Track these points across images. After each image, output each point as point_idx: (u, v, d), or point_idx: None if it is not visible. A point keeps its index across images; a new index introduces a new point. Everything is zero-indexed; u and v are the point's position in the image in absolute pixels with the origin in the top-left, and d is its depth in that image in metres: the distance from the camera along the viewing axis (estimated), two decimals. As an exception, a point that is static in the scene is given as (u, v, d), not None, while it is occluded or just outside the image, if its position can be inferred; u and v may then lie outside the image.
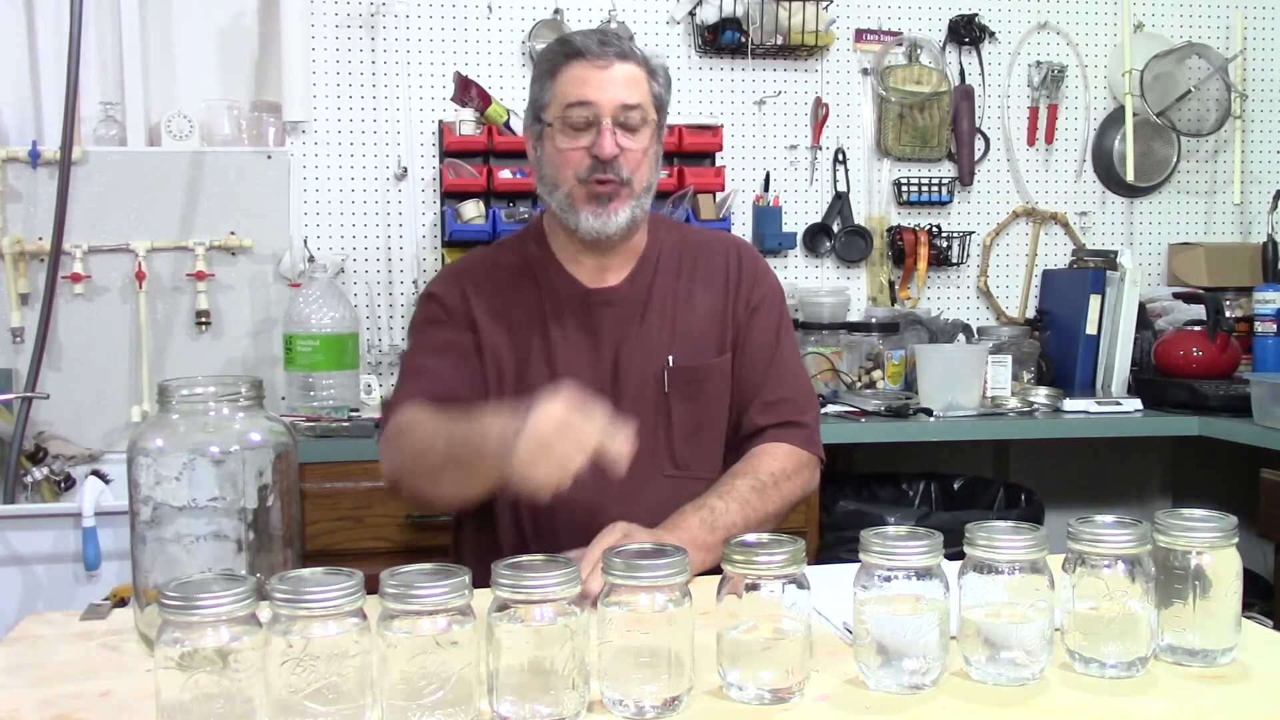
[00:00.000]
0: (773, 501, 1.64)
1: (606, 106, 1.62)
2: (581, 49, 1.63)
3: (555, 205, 1.69)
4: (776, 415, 1.73)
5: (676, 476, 1.71)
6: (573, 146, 1.63)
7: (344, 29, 3.04)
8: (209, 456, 1.19)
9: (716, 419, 1.75)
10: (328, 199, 3.04)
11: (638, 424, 1.67)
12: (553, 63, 1.66)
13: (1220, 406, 2.78)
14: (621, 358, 1.71)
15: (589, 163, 1.63)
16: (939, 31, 3.35)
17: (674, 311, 1.74)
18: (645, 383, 1.71)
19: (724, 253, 1.79)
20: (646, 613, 1.02)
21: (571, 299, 1.73)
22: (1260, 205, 3.51)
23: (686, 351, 1.73)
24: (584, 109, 1.62)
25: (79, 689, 1.12)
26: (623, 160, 1.63)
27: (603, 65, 1.62)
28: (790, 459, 1.70)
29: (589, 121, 1.62)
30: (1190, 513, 1.16)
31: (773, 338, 1.77)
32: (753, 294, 1.77)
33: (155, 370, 2.88)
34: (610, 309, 1.72)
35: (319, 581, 0.96)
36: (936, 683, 1.08)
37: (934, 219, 3.36)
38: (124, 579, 2.24)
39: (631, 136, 1.64)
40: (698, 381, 1.72)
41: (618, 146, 1.62)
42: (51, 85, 2.89)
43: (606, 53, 1.63)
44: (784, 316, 1.82)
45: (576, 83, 1.63)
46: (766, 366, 1.75)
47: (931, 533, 1.08)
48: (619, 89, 1.62)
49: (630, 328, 1.72)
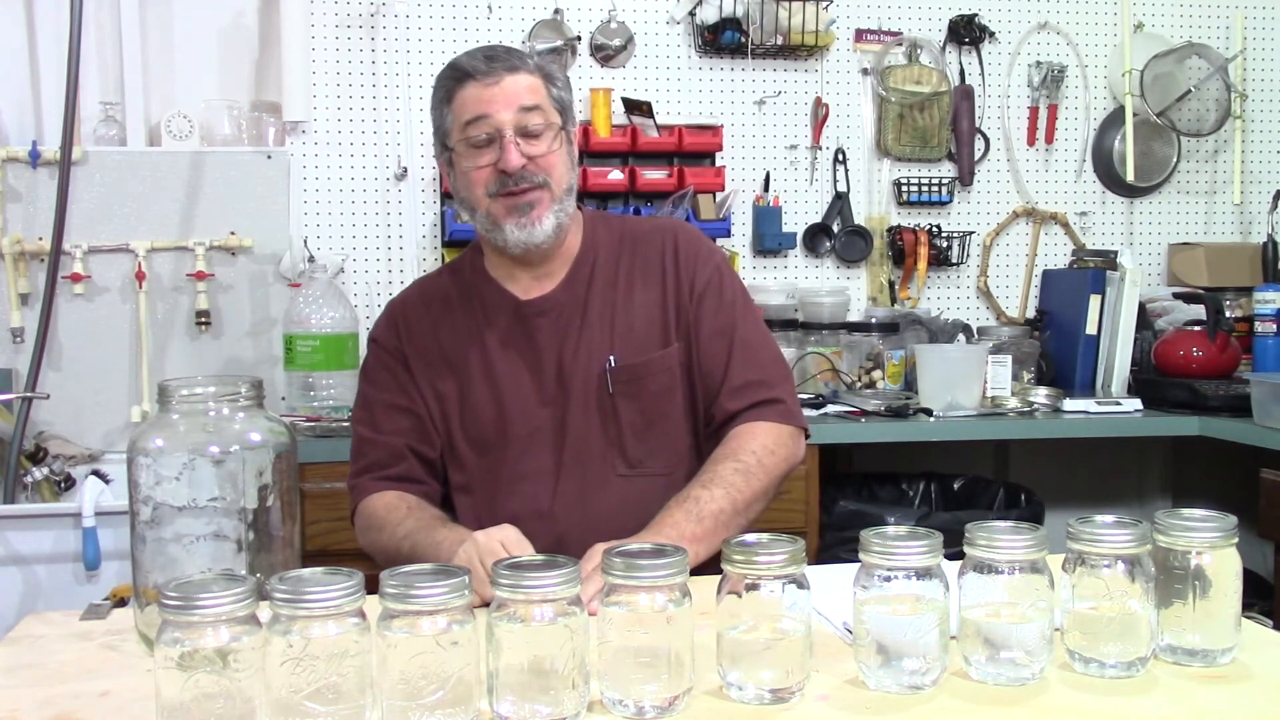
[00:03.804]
0: (759, 481, 1.63)
1: (502, 119, 1.63)
2: (469, 70, 1.65)
3: (479, 225, 1.71)
4: (748, 398, 1.71)
5: (630, 475, 1.71)
6: (478, 165, 1.65)
7: (344, 29, 3.04)
8: (209, 456, 1.19)
9: (667, 413, 1.73)
10: (328, 199, 3.04)
11: (587, 428, 1.70)
12: (446, 89, 1.68)
13: (1220, 406, 2.78)
14: (564, 364, 1.71)
15: (497, 177, 1.64)
16: (939, 31, 3.36)
17: (613, 311, 1.74)
18: (589, 386, 1.71)
19: (660, 243, 1.78)
20: (646, 612, 1.02)
21: (505, 313, 1.74)
22: (1260, 205, 3.51)
23: (628, 349, 1.72)
24: (481, 125, 1.64)
25: (79, 689, 1.12)
26: (533, 167, 1.64)
27: (492, 81, 1.64)
28: (770, 434, 1.68)
29: (490, 138, 1.64)
30: (1190, 513, 1.16)
31: (728, 320, 1.74)
32: (695, 280, 1.75)
33: (155, 370, 2.89)
34: (545, 318, 1.73)
35: (319, 581, 0.96)
36: (936, 683, 1.08)
37: (934, 219, 3.36)
38: (124, 579, 2.24)
39: (535, 143, 1.65)
40: (641, 378, 1.71)
41: (523, 156, 1.63)
42: (51, 85, 2.89)
43: (495, 69, 1.64)
44: (739, 295, 1.78)
45: (469, 103, 1.64)
46: (727, 351, 1.73)
47: (931, 533, 1.08)
48: (514, 101, 1.64)
49: (569, 333, 1.72)
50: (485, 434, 1.72)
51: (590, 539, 1.50)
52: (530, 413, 1.71)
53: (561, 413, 1.71)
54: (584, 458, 1.70)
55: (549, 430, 1.71)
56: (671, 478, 1.69)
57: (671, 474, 1.70)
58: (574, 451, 1.70)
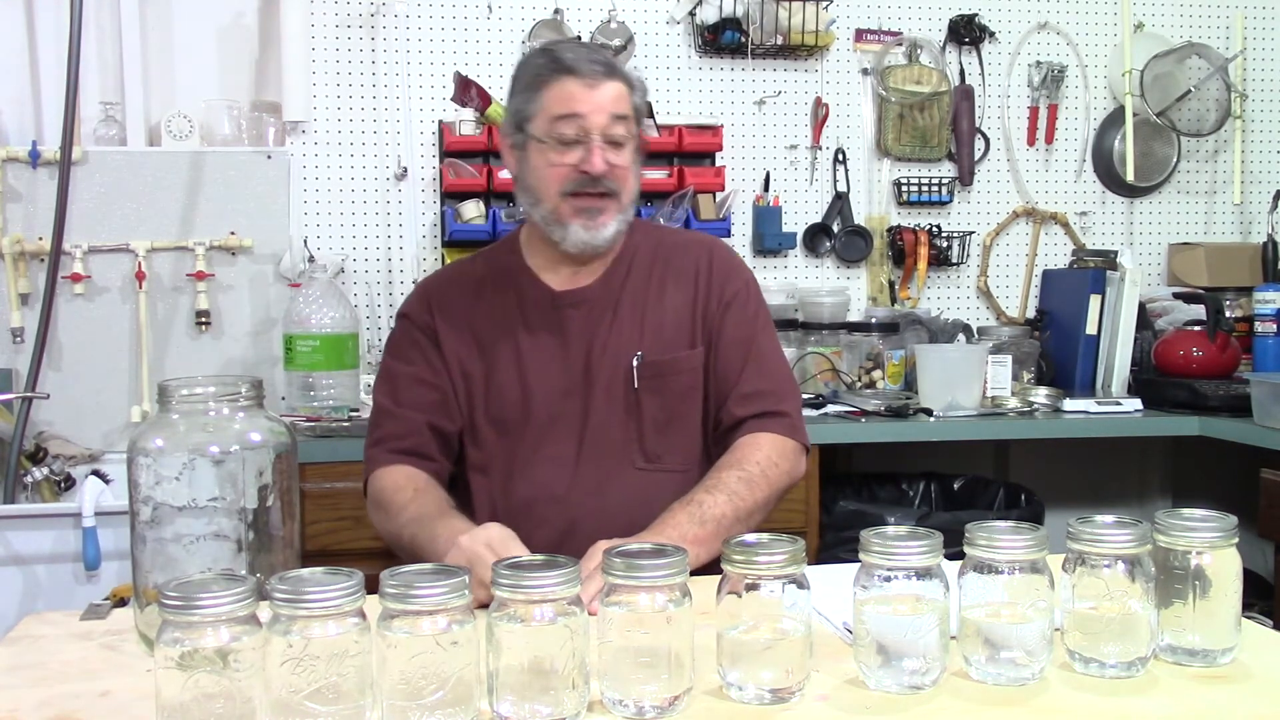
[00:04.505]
0: (761, 491, 1.65)
1: (596, 124, 1.64)
2: (571, 65, 1.65)
3: (539, 217, 1.72)
4: (755, 406, 1.74)
5: (647, 470, 1.73)
6: (559, 162, 1.66)
7: (344, 29, 3.04)
8: (209, 456, 1.19)
9: (688, 412, 1.76)
10: (328, 199, 3.04)
11: (609, 420, 1.72)
12: (540, 75, 1.68)
13: (1220, 406, 2.78)
14: (592, 356, 1.74)
15: (576, 177, 1.66)
16: (939, 31, 3.35)
17: (644, 309, 1.76)
18: (615, 379, 1.73)
19: (696, 253, 1.81)
20: (646, 613, 1.02)
21: (540, 303, 1.76)
22: (1260, 205, 3.51)
23: (656, 346, 1.75)
24: (572, 123, 1.65)
25: (79, 689, 1.12)
26: (610, 175, 1.66)
27: (592, 83, 1.65)
28: (774, 447, 1.71)
29: (576, 138, 1.65)
30: (1190, 513, 1.16)
31: (748, 332, 1.78)
32: (725, 290, 1.79)
33: (155, 370, 2.88)
34: (578, 310, 1.75)
35: (319, 581, 0.96)
36: (936, 683, 1.08)
37: (934, 219, 3.36)
38: (124, 579, 2.24)
39: (618, 152, 1.67)
40: (667, 375, 1.74)
41: (606, 163, 1.65)
42: (51, 85, 2.89)
43: (595, 70, 1.65)
44: (761, 311, 1.83)
45: (565, 99, 1.65)
46: (743, 360, 1.76)
47: (931, 533, 1.08)
48: (608, 107, 1.65)
49: (600, 326, 1.75)
50: (508, 416, 1.74)
51: (603, 527, 1.53)
52: (554, 399, 1.73)
53: (585, 402, 1.73)
54: (604, 447, 1.72)
55: (571, 418, 1.73)
56: (687, 475, 1.71)
57: (687, 472, 1.72)
58: (594, 440, 1.72)
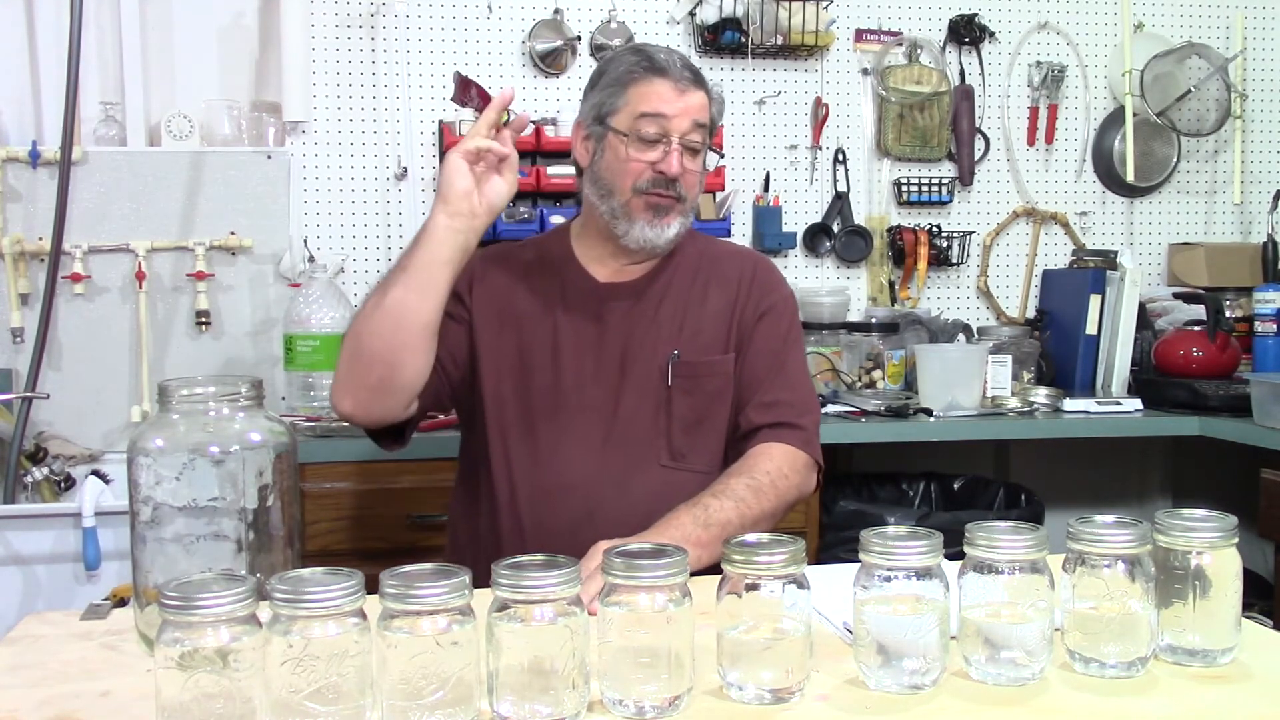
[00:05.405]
0: (769, 500, 1.66)
1: (679, 128, 1.69)
2: (664, 67, 1.71)
3: (606, 209, 1.75)
4: (773, 415, 1.76)
5: (672, 467, 1.74)
6: (638, 158, 1.70)
7: (344, 29, 3.04)
8: (209, 456, 1.19)
9: (717, 414, 1.78)
10: (328, 199, 3.04)
11: (639, 414, 1.73)
12: (631, 72, 1.72)
13: (1220, 406, 2.78)
14: (629, 349, 1.76)
15: (651, 176, 1.70)
16: (939, 31, 3.35)
17: (685, 309, 1.79)
18: (650, 374, 1.75)
19: (741, 264, 1.86)
20: (646, 613, 1.02)
21: (581, 291, 1.79)
22: (1260, 205, 3.51)
23: (693, 347, 1.78)
24: (657, 123, 1.69)
25: (79, 689, 1.12)
26: (682, 180, 1.71)
27: (682, 89, 1.71)
28: (787, 459, 1.73)
29: (657, 138, 1.69)
30: (1190, 513, 1.16)
31: (778, 344, 1.81)
32: (762, 301, 1.82)
33: (155, 370, 2.88)
34: (620, 302, 1.78)
35: (319, 581, 0.96)
36: (936, 683, 1.08)
37: (934, 219, 3.36)
38: (124, 579, 2.24)
39: (693, 159, 1.72)
40: (700, 376, 1.77)
41: (681, 167, 1.70)
42: (51, 85, 2.89)
43: (685, 76, 1.72)
44: (794, 329, 1.86)
45: (654, 99, 1.70)
46: (768, 371, 1.79)
47: (931, 533, 1.08)
48: (692, 113, 1.71)
49: (640, 320, 1.77)
50: (538, 399, 1.75)
51: (623, 519, 1.56)
52: (586, 385, 1.75)
53: (616, 393, 1.75)
54: (630, 440, 1.74)
55: (601, 406, 1.74)
56: (709, 477, 1.71)
57: (709, 474, 1.73)
58: (622, 432, 1.73)
